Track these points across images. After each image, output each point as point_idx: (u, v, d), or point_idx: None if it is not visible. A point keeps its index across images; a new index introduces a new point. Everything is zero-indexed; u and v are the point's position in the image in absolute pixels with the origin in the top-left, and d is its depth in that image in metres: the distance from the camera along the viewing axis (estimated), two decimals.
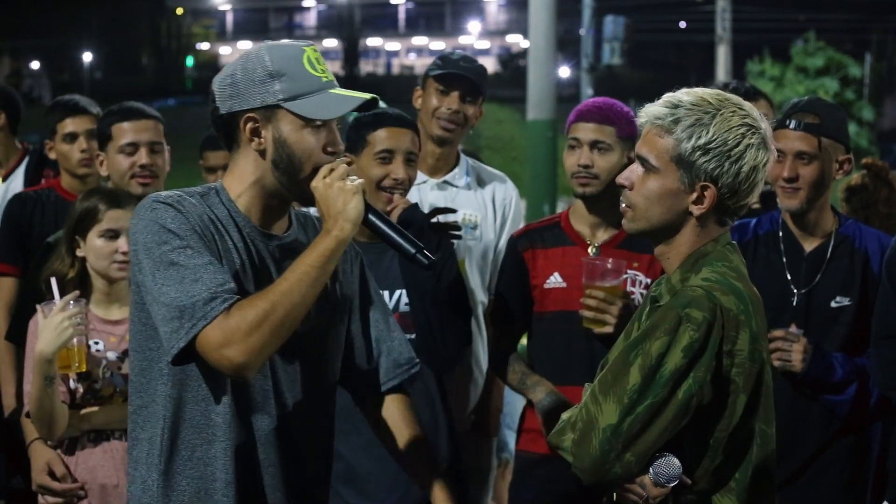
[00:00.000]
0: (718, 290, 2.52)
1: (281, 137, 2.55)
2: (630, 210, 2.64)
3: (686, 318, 2.48)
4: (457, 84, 4.17)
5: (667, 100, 2.59)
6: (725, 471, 2.57)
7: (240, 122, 2.57)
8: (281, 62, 2.55)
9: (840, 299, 3.61)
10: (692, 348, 2.47)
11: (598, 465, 2.52)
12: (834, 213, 3.71)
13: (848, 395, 3.54)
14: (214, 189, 2.62)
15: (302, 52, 2.58)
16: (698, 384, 2.48)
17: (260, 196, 2.60)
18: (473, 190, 4.28)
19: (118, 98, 4.19)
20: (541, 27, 12.97)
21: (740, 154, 2.53)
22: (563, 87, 27.86)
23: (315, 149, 2.56)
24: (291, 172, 2.56)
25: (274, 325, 2.41)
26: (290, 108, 2.54)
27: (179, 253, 2.44)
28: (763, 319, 2.61)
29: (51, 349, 3.35)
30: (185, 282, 2.42)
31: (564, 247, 3.75)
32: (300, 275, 2.46)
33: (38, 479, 3.52)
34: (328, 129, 2.58)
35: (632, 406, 2.49)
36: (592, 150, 3.67)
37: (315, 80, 2.56)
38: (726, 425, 2.54)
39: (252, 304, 2.42)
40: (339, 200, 2.50)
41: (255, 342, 2.40)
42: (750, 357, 2.53)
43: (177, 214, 2.48)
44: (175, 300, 2.41)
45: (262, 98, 2.54)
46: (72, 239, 3.59)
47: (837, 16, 33.86)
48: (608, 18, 24.11)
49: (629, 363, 2.51)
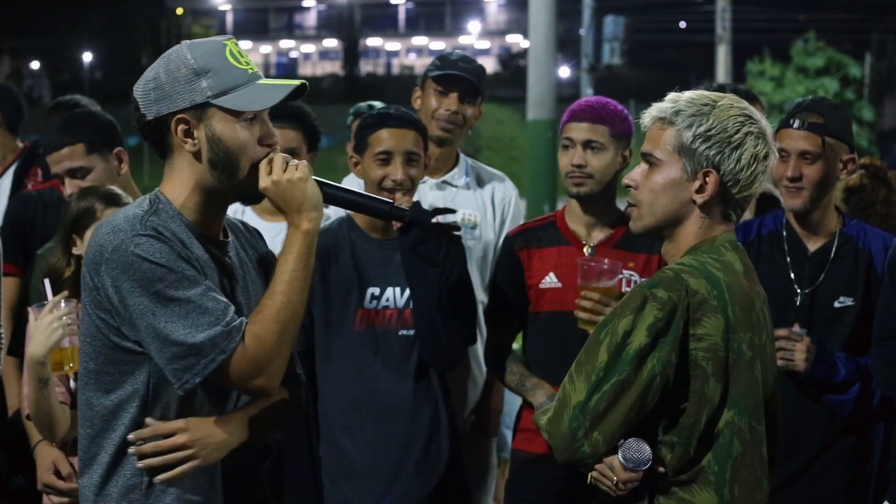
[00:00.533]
0: (689, 272, 2.55)
1: (214, 135, 2.49)
2: (636, 208, 2.67)
3: (651, 297, 2.52)
4: (456, 85, 4.17)
5: (669, 98, 2.66)
6: (702, 463, 2.57)
7: (170, 125, 2.50)
8: (205, 59, 2.49)
9: (843, 299, 3.60)
10: (655, 327, 2.51)
11: (567, 442, 2.55)
12: (838, 212, 3.71)
13: (851, 396, 3.53)
14: (158, 201, 2.54)
15: (224, 47, 2.52)
16: (661, 364, 2.51)
17: (202, 201, 2.54)
18: (472, 190, 4.28)
19: (118, 98, 4.20)
20: (541, 27, 12.97)
21: (740, 141, 2.58)
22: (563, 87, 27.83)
23: (250, 142, 2.51)
24: (230, 170, 2.51)
25: (288, 341, 2.46)
26: (220, 104, 2.48)
27: (177, 287, 2.40)
28: (750, 314, 2.61)
29: (41, 351, 3.33)
30: (191, 315, 2.39)
31: (560, 246, 3.74)
32: (289, 282, 2.46)
33: (44, 478, 3.52)
34: (260, 121, 2.52)
35: (598, 384, 2.53)
36: (586, 150, 3.67)
37: (241, 73, 2.50)
38: (696, 411, 2.54)
39: (263, 328, 2.43)
40: (296, 192, 2.48)
41: (279, 363, 2.45)
42: (724, 344, 2.54)
43: (162, 246, 2.42)
44: (187, 337, 2.39)
45: (191, 97, 2.48)
46: (68, 237, 3.59)
47: (837, 16, 33.88)
48: (608, 18, 24.11)
49: (599, 342, 2.56)
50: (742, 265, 2.65)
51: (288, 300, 2.45)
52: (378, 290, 3.58)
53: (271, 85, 2.53)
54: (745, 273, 2.65)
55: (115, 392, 2.50)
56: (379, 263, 3.56)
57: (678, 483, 2.58)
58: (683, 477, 2.58)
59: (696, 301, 2.53)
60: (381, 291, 3.58)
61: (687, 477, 2.58)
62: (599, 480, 2.61)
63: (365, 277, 3.59)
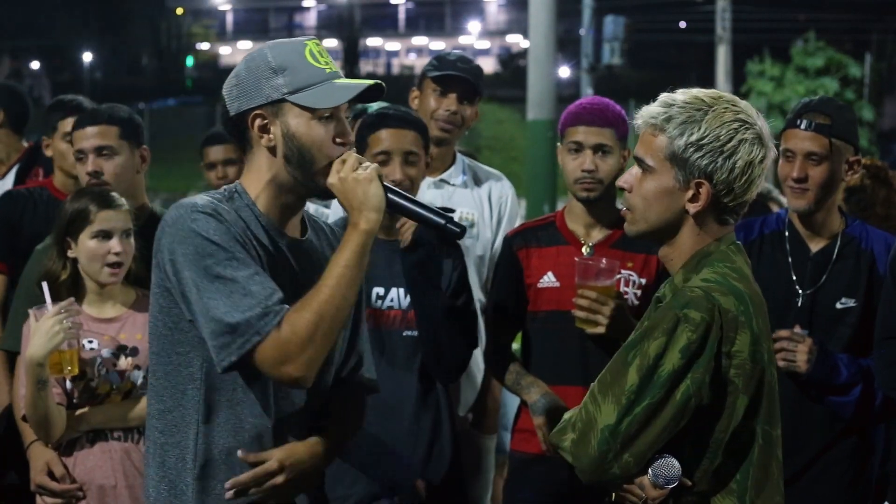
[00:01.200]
0: (718, 290, 2.51)
1: (289, 131, 2.56)
2: (630, 212, 2.65)
3: (684, 318, 2.48)
4: (454, 85, 4.17)
5: (661, 100, 2.60)
6: (726, 472, 2.56)
7: (248, 121, 2.57)
8: (283, 57, 2.56)
9: (845, 300, 3.59)
10: (690, 349, 2.47)
11: (596, 465, 2.52)
12: (841, 213, 3.70)
13: (853, 397, 3.52)
14: (236, 191, 2.62)
15: (304, 46, 2.59)
16: (696, 385, 2.48)
17: (277, 195, 2.61)
18: (470, 188, 4.28)
19: (118, 98, 4.19)
20: (541, 27, 12.96)
21: (733, 149, 2.52)
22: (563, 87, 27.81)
23: (325, 140, 2.56)
24: (304, 166, 2.56)
25: (325, 333, 2.46)
26: (294, 101, 2.55)
27: (226, 266, 2.44)
28: (766, 321, 2.60)
29: (41, 353, 3.34)
30: (234, 296, 2.43)
31: (558, 246, 3.74)
32: (338, 277, 2.48)
33: (37, 479, 3.52)
34: (336, 119, 2.58)
35: (630, 406, 2.49)
36: (595, 154, 3.65)
37: (318, 71, 2.57)
38: (725, 426, 2.53)
39: (301, 317, 2.44)
40: (359, 191, 2.51)
41: (311, 355, 2.45)
42: (751, 358, 2.52)
43: (218, 225, 2.48)
44: (225, 315, 2.42)
45: (267, 94, 2.55)
46: (63, 241, 3.58)
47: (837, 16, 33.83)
48: (608, 18, 24.09)
49: (628, 363, 2.51)
50: (748, 268, 2.64)
51: (332, 294, 2.46)
52: (382, 290, 3.57)
53: (347, 83, 2.58)
54: (751, 275, 2.64)
55: (176, 375, 2.56)
56: (383, 263, 3.56)
57: (702, 493, 2.57)
58: (707, 487, 2.57)
59: (728, 320, 2.50)
60: (385, 291, 3.58)
61: (710, 487, 2.57)
62: (626, 498, 2.59)
63: (369, 277, 3.59)
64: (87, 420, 3.51)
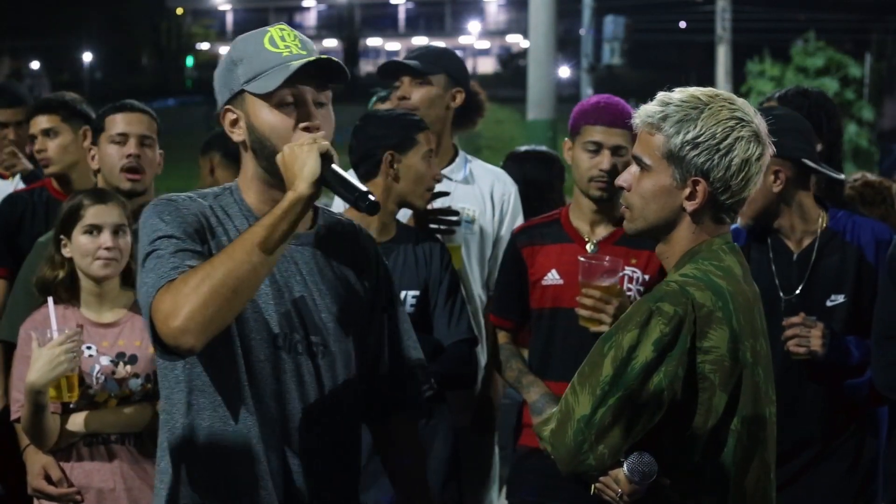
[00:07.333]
0: (694, 285, 2.52)
1: (249, 122, 2.48)
2: (629, 211, 2.66)
3: (657, 311, 2.49)
4: (394, 75, 4.18)
5: (658, 99, 2.60)
6: (706, 471, 2.56)
7: (221, 118, 2.53)
8: (241, 48, 2.50)
9: (834, 297, 3.57)
10: (662, 342, 2.48)
11: (572, 455, 2.53)
12: (822, 207, 3.66)
13: (866, 378, 3.50)
14: (228, 188, 2.58)
15: (264, 34, 2.50)
16: (669, 378, 2.48)
17: (260, 189, 2.53)
18: (471, 184, 4.28)
19: (118, 98, 4.19)
20: (541, 27, 12.98)
21: (730, 147, 2.52)
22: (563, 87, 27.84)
23: (284, 127, 2.44)
24: (268, 156, 2.47)
25: (214, 287, 2.27)
26: (248, 90, 2.47)
27: (163, 241, 2.39)
28: (752, 321, 2.59)
29: (42, 382, 3.28)
30: (156, 269, 2.36)
31: (563, 244, 3.74)
32: (247, 235, 2.35)
33: (35, 483, 3.50)
34: (300, 104, 2.46)
35: (603, 397, 2.50)
36: (614, 155, 3.65)
37: (273, 56, 2.45)
38: (702, 422, 2.53)
39: (194, 270, 2.32)
40: (297, 161, 2.37)
41: (195, 307, 2.27)
42: (731, 356, 2.52)
43: (174, 208, 2.45)
44: (148, 284, 2.35)
45: (231, 87, 2.49)
46: (59, 239, 3.56)
47: (837, 16, 33.83)
48: (608, 18, 24.12)
49: (603, 355, 2.53)
50: (741, 268, 2.64)
51: (232, 249, 2.33)
52: None
53: (301, 62, 2.43)
54: (744, 276, 2.64)
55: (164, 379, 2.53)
56: None
57: (682, 492, 2.56)
58: (688, 486, 2.56)
59: (702, 314, 2.50)
60: None
61: (691, 486, 2.56)
62: (603, 492, 2.60)
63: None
64: (82, 427, 3.45)
